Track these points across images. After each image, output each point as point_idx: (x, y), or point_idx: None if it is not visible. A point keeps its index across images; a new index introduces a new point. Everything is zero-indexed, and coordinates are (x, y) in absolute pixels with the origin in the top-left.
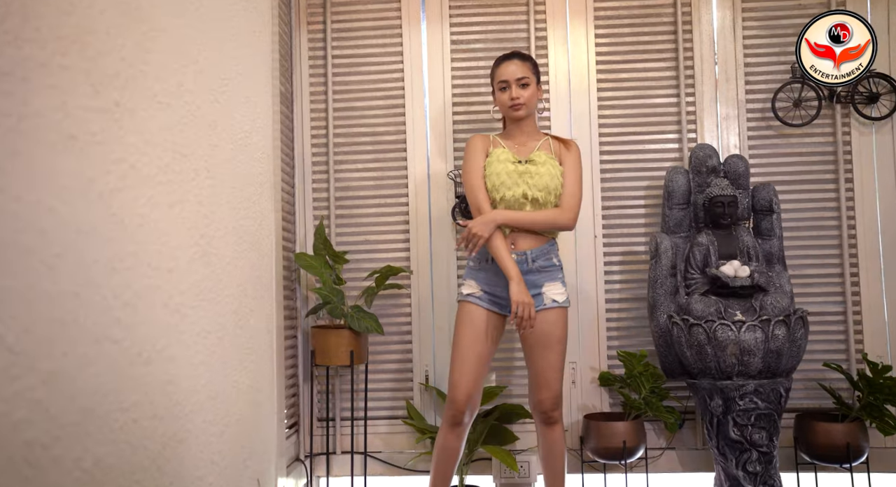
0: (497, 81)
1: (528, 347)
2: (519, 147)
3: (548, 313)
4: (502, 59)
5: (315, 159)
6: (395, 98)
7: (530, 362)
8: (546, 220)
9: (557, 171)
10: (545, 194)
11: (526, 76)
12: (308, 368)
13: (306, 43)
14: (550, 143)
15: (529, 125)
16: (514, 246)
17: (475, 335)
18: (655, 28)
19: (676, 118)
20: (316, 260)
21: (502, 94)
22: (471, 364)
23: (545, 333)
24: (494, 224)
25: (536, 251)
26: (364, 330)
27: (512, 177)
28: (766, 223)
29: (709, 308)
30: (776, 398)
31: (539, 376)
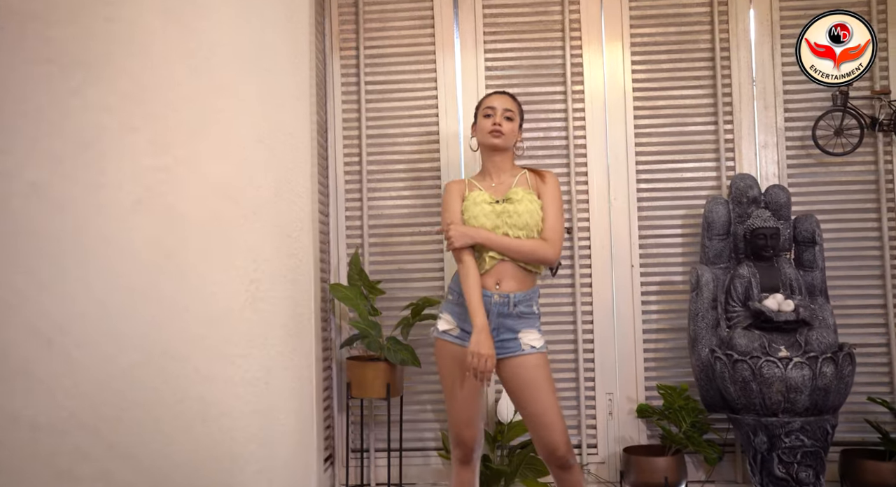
0: (483, 108)
1: (515, 395)
2: (496, 186)
3: (527, 358)
4: (492, 93)
5: (348, 187)
6: (429, 125)
7: (524, 409)
8: (530, 250)
9: (536, 206)
10: (526, 232)
11: (512, 110)
12: (343, 400)
13: (339, 69)
14: (528, 178)
15: (506, 161)
16: (498, 287)
17: (461, 372)
18: (693, 55)
19: (714, 146)
20: (351, 291)
21: (485, 120)
22: (464, 402)
23: (530, 378)
24: (471, 239)
25: (521, 295)
26: (401, 362)
27: (490, 218)
28: (809, 254)
29: (752, 343)
30: (823, 435)
31: (539, 419)
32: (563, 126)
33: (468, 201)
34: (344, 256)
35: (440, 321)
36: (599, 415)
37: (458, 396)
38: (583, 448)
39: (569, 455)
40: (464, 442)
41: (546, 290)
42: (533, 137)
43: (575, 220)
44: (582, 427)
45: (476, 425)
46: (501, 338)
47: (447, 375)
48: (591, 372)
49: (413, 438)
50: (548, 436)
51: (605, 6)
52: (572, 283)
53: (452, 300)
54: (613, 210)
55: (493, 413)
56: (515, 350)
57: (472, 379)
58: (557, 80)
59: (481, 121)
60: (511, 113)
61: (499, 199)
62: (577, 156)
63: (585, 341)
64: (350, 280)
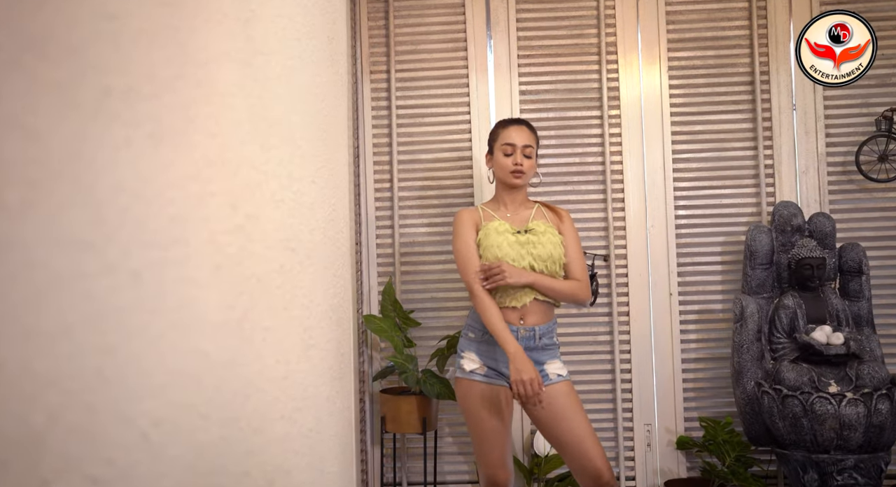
0: (502, 143)
1: (549, 426)
2: (512, 216)
3: (555, 388)
4: (510, 123)
5: (378, 214)
6: (462, 150)
7: (560, 439)
8: (570, 292)
9: (558, 239)
10: (550, 264)
11: (531, 145)
12: (376, 433)
13: (369, 93)
14: (544, 212)
15: (522, 194)
16: (522, 321)
17: (491, 411)
18: (732, 79)
19: (754, 172)
20: (385, 323)
21: (505, 159)
22: (496, 442)
23: (562, 406)
24: (526, 280)
25: (544, 328)
26: (437, 396)
27: (514, 248)
28: (855, 285)
29: (801, 377)
30: (877, 473)
31: (578, 448)
32: (599, 151)
33: (487, 230)
34: (375, 285)
35: (464, 361)
36: (637, 447)
37: (489, 437)
38: (621, 481)
39: (613, 482)
40: (497, 483)
41: (583, 319)
42: (569, 162)
43: (612, 247)
44: (620, 459)
45: (509, 465)
46: None
47: (477, 416)
48: (629, 402)
49: (447, 471)
50: (590, 464)
51: (643, 29)
52: (610, 311)
53: (475, 337)
54: (651, 236)
55: (528, 446)
56: (544, 381)
57: (505, 418)
58: (594, 104)
59: (500, 158)
60: (530, 149)
61: (520, 230)
62: (613, 182)
63: (623, 371)
64: (383, 310)
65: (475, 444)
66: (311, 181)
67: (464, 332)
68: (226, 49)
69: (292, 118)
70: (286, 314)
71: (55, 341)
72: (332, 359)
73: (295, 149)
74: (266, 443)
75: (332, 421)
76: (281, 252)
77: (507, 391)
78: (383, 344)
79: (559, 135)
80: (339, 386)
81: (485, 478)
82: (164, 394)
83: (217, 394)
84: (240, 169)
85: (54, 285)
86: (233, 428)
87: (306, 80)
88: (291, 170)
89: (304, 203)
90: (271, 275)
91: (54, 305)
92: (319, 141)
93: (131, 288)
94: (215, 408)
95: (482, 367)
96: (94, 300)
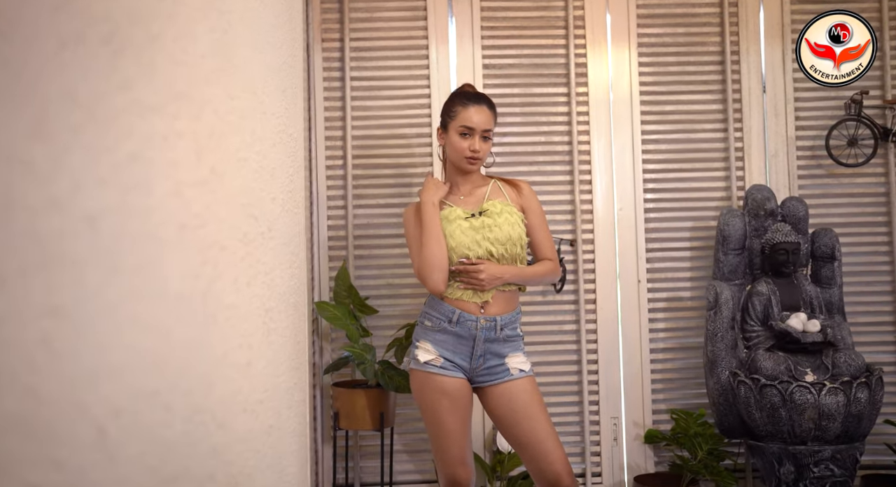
0: (460, 124)
1: (507, 424)
2: (466, 198)
3: (517, 384)
4: (470, 101)
5: (331, 193)
6: (421, 126)
7: (519, 438)
8: (544, 275)
9: (517, 218)
10: (510, 246)
11: (490, 129)
12: (328, 431)
13: (321, 63)
14: (501, 188)
15: (475, 173)
16: (483, 310)
17: (449, 405)
18: (702, 58)
19: (724, 155)
20: (339, 311)
21: (461, 141)
22: (456, 436)
23: (524, 404)
24: (502, 281)
25: (507, 318)
26: (395, 389)
27: (468, 234)
28: (827, 271)
29: (779, 366)
30: (852, 464)
31: (538, 449)
32: (566, 130)
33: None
34: (326, 270)
35: (418, 351)
36: (604, 441)
37: (447, 433)
38: (587, 477)
39: (572, 486)
40: (458, 482)
41: (548, 307)
42: (534, 142)
43: (579, 232)
44: (586, 454)
45: (470, 463)
46: (488, 365)
47: (434, 411)
48: (595, 395)
49: (404, 470)
50: (549, 467)
51: (611, 3)
52: (576, 299)
53: (431, 326)
54: (619, 220)
55: (490, 443)
56: (503, 375)
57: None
58: (560, 81)
59: (455, 139)
60: (489, 132)
61: (473, 213)
62: (581, 164)
63: (590, 361)
64: (336, 297)
65: (433, 441)
66: (272, 144)
67: (419, 320)
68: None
69: (254, 68)
70: (249, 291)
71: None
72: (290, 347)
73: (257, 103)
74: (230, 441)
75: (291, 416)
76: (244, 219)
77: (466, 384)
78: (334, 333)
79: (524, 112)
80: (297, 377)
81: (444, 477)
82: (123, 377)
83: (181, 380)
84: (203, 111)
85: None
86: (196, 422)
87: (266, 26)
88: (254, 127)
89: (266, 167)
90: (235, 244)
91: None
92: (279, 100)
93: (86, 237)
94: (179, 397)
95: (437, 358)
96: (40, 244)
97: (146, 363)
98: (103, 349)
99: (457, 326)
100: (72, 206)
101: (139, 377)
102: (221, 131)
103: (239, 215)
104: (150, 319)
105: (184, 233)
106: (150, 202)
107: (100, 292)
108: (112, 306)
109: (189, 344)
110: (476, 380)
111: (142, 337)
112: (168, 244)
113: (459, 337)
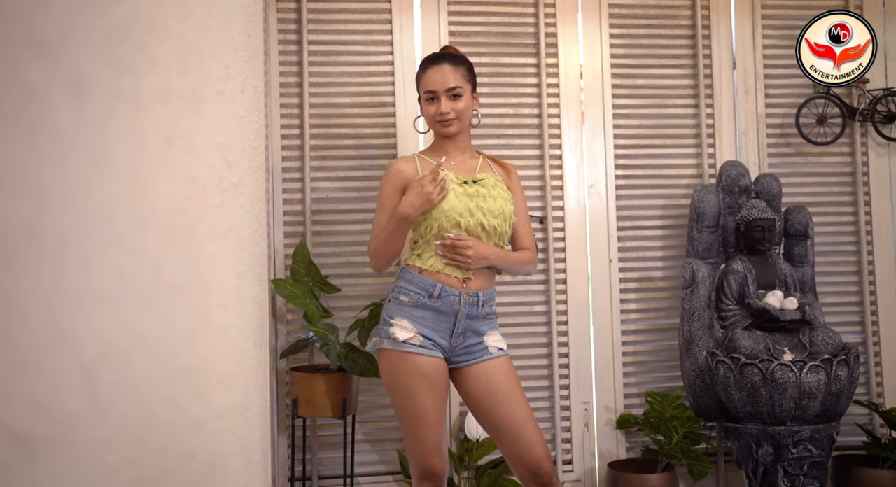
0: (423, 90)
1: (484, 406)
2: (457, 165)
3: (496, 363)
4: (429, 62)
5: (286, 165)
6: (384, 95)
7: (496, 423)
8: (523, 264)
9: (508, 195)
10: (500, 221)
11: (458, 85)
12: (283, 419)
13: (275, 24)
14: (491, 165)
15: (464, 140)
16: (465, 285)
17: (428, 388)
18: (674, 31)
19: (695, 131)
20: (298, 289)
21: (428, 106)
22: (433, 422)
23: (503, 385)
24: (486, 263)
25: (487, 294)
26: (360, 373)
27: (462, 200)
28: (800, 249)
29: (758, 345)
30: (829, 444)
31: (517, 433)
32: (535, 102)
33: None
34: (282, 247)
35: (394, 328)
36: (575, 427)
37: (425, 419)
38: (558, 465)
39: (553, 472)
40: (434, 473)
41: (518, 287)
42: (502, 114)
43: (549, 209)
44: (557, 442)
45: (445, 452)
46: (468, 344)
47: (410, 395)
48: (566, 378)
49: (367, 461)
50: (528, 453)
51: None
52: (546, 279)
53: (409, 301)
54: (590, 197)
55: (457, 430)
56: (482, 354)
57: (443, 395)
58: (529, 51)
59: (425, 106)
60: (459, 88)
61: (467, 180)
62: (551, 138)
63: (560, 344)
64: (294, 274)
65: (407, 428)
66: (241, 88)
67: (392, 296)
68: None
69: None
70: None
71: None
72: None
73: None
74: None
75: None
76: (220, 161)
77: (444, 364)
78: (290, 315)
79: (492, 83)
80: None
81: (418, 468)
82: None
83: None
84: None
85: None
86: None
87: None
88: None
89: (237, 112)
90: (213, 187)
91: None
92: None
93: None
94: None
95: (416, 336)
96: None
97: (134, 298)
98: (89, 269)
99: (438, 301)
100: None
101: (124, 309)
102: (202, 48)
103: (216, 155)
104: (138, 248)
105: (170, 151)
106: None
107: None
108: (97, 228)
109: (175, 287)
110: (453, 360)
111: (132, 264)
112: (155, 158)
113: (440, 313)
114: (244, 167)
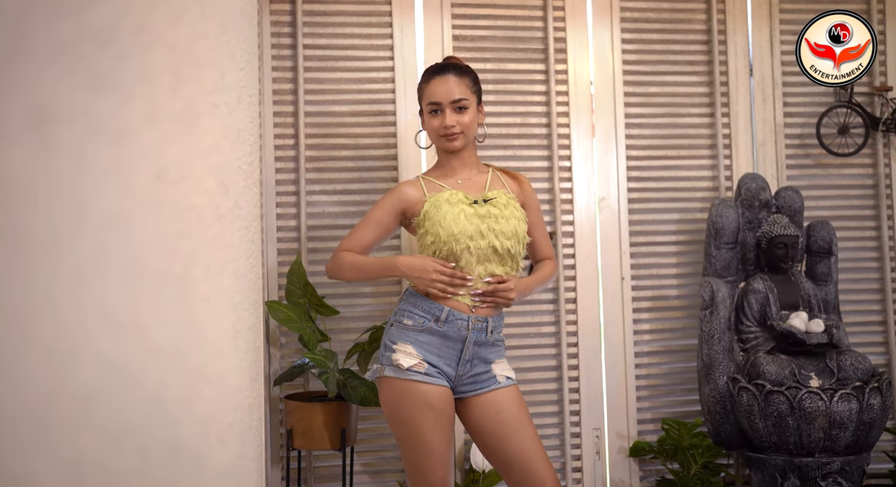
0: (426, 102)
1: (492, 439)
2: (464, 183)
3: (504, 392)
4: (433, 73)
5: (280, 178)
6: (384, 103)
7: (505, 456)
8: (551, 277)
9: (521, 213)
10: (514, 243)
11: (464, 97)
12: (277, 450)
13: (269, 27)
14: (501, 179)
15: (470, 156)
16: (474, 311)
17: (437, 419)
18: (688, 36)
19: (711, 142)
20: (294, 311)
21: (432, 120)
22: (441, 455)
23: (512, 417)
24: (528, 296)
25: (496, 320)
26: (360, 402)
27: (472, 221)
28: (823, 267)
29: (783, 370)
30: (860, 476)
31: (526, 467)
32: (543, 111)
33: (436, 201)
34: (275, 266)
35: (397, 355)
36: (585, 456)
37: (432, 452)
38: None
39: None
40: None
41: (525, 308)
42: (509, 123)
43: (559, 224)
44: (567, 471)
45: (451, 483)
46: (475, 372)
47: (416, 426)
48: (577, 404)
49: None
50: None
51: None
52: (556, 298)
53: (412, 325)
54: (601, 211)
55: (462, 460)
56: (490, 384)
57: (450, 428)
58: (537, 57)
59: (428, 119)
60: (464, 101)
61: (476, 200)
62: (560, 148)
63: (570, 367)
64: (290, 296)
65: (411, 463)
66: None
67: (395, 319)
68: None
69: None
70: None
71: None
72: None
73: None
74: (205, 482)
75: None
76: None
77: (450, 394)
78: (284, 338)
79: (498, 90)
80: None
81: None
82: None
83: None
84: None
85: None
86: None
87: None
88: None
89: (233, 124)
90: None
91: None
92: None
93: None
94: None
95: (421, 363)
96: None
97: None
98: None
99: (445, 325)
100: None
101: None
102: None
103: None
104: (125, 302)
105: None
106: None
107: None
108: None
109: (168, 352)
110: (459, 390)
111: (114, 344)
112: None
113: (446, 339)
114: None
